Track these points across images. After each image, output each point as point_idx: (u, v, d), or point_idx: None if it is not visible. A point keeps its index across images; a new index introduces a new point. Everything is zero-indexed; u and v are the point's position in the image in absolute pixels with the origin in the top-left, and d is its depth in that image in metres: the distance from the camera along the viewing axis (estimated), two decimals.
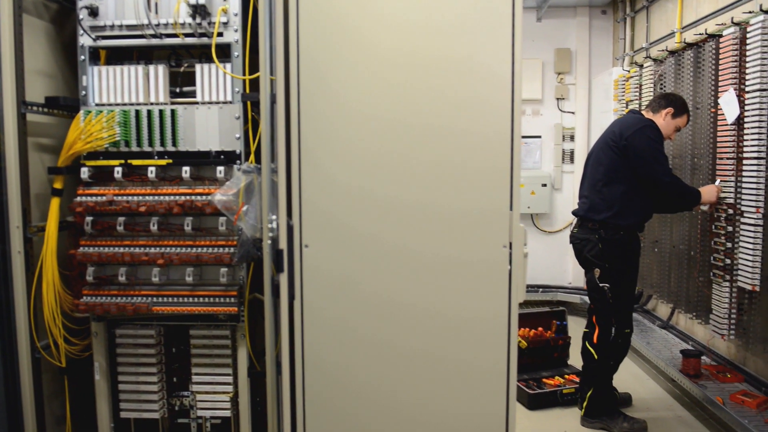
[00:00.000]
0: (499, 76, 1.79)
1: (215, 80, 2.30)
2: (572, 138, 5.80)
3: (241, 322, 2.32)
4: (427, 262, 1.83)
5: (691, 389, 3.50)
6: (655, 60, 4.33)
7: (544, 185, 5.74)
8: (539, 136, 5.84)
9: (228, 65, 2.28)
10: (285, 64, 1.78)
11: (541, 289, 5.81)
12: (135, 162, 2.31)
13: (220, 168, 2.26)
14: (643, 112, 3.40)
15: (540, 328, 4.18)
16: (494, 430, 1.86)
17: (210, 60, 2.27)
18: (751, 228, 3.04)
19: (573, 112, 5.80)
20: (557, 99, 5.81)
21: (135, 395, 2.43)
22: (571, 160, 5.79)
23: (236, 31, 2.26)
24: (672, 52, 4.03)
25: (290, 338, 1.83)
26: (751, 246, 3.04)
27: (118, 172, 2.29)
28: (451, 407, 1.86)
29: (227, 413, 2.42)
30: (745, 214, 3.10)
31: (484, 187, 1.82)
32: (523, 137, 5.80)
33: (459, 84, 1.80)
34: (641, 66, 4.57)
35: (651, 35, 4.92)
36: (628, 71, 4.82)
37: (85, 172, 2.30)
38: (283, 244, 1.78)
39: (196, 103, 2.31)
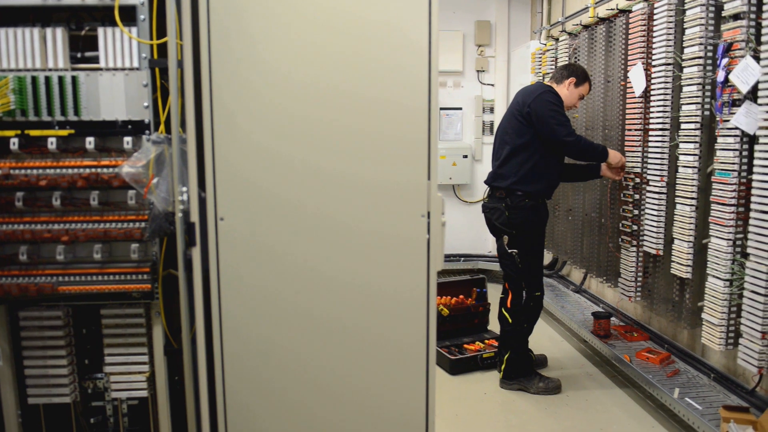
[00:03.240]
0: (416, 45, 1.78)
1: (120, 45, 2.16)
2: (492, 110, 5.92)
3: (155, 299, 2.24)
4: (347, 232, 1.82)
5: (601, 348, 3.71)
6: (570, 34, 4.45)
7: (465, 156, 5.84)
8: (460, 108, 5.92)
9: (134, 29, 2.15)
10: (193, 26, 1.69)
11: (462, 258, 5.96)
12: (33, 132, 2.15)
13: (128, 138, 2.14)
14: (547, 83, 3.52)
15: (461, 296, 4.29)
16: (414, 398, 1.89)
17: (114, 23, 2.13)
18: (656, 196, 3.22)
19: (492, 85, 5.90)
20: (477, 71, 5.90)
21: (43, 380, 2.31)
22: (491, 131, 5.91)
23: None
24: (586, 27, 4.16)
25: (206, 313, 1.78)
26: (655, 213, 3.22)
27: (14, 144, 2.13)
28: (371, 376, 1.88)
29: (144, 393, 2.34)
30: (650, 183, 3.27)
31: (402, 157, 1.82)
32: (445, 109, 5.86)
33: (379, 51, 1.78)
34: (557, 40, 4.70)
35: (567, 9, 5.05)
36: (545, 45, 4.94)
37: None
38: (195, 217, 1.71)
39: (100, 69, 2.17)
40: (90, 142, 2.13)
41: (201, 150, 1.75)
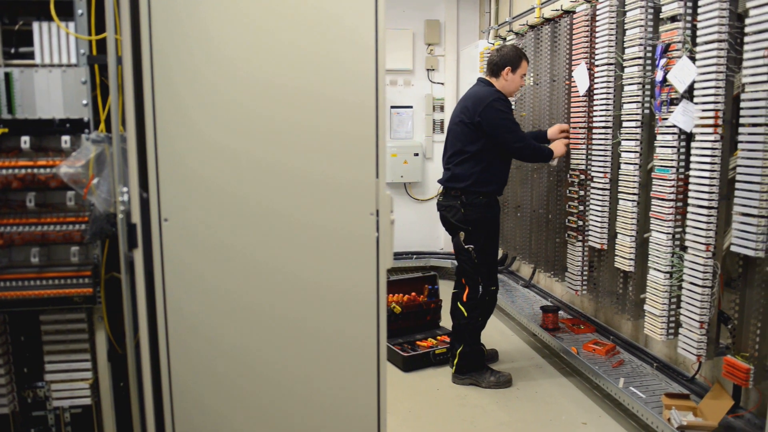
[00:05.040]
0: (364, 42, 1.78)
1: (56, 40, 2.07)
2: (442, 108, 5.97)
3: (97, 303, 2.17)
4: (296, 229, 1.80)
5: (550, 341, 3.79)
6: (517, 34, 4.53)
7: (416, 155, 5.88)
8: (411, 107, 5.94)
9: (71, 24, 2.07)
10: (133, 20, 1.64)
11: (415, 256, 5.99)
12: None
13: (66, 137, 2.06)
14: (488, 78, 3.58)
15: (413, 293, 4.32)
16: (366, 394, 1.89)
17: (50, 17, 2.05)
18: (599, 192, 3.31)
19: (443, 83, 5.95)
20: (428, 70, 5.94)
21: None
22: (442, 130, 5.96)
23: None
24: (532, 27, 4.24)
25: (151, 316, 1.73)
26: (599, 208, 3.31)
27: None
28: (323, 373, 1.87)
29: (88, 401, 2.26)
30: (594, 179, 3.36)
31: (351, 154, 1.81)
32: (396, 107, 5.88)
33: (326, 45, 1.76)
34: (505, 39, 4.77)
35: (514, 10, 5.14)
36: (493, 44, 5.01)
37: None
38: (136, 218, 1.66)
39: (35, 65, 2.08)
40: (25, 141, 2.04)
41: (143, 149, 1.70)
